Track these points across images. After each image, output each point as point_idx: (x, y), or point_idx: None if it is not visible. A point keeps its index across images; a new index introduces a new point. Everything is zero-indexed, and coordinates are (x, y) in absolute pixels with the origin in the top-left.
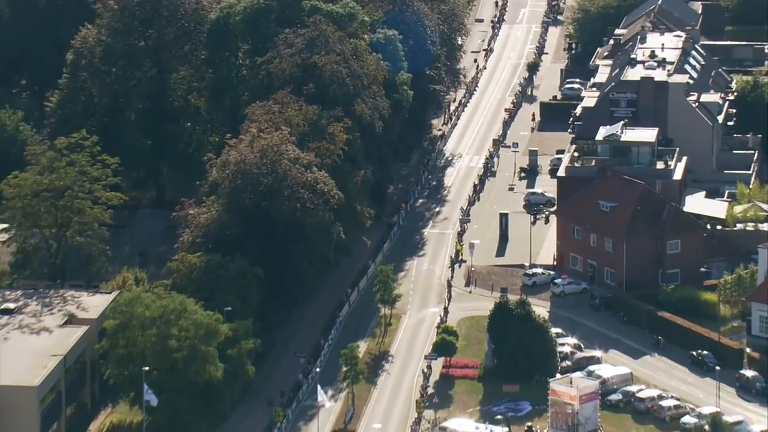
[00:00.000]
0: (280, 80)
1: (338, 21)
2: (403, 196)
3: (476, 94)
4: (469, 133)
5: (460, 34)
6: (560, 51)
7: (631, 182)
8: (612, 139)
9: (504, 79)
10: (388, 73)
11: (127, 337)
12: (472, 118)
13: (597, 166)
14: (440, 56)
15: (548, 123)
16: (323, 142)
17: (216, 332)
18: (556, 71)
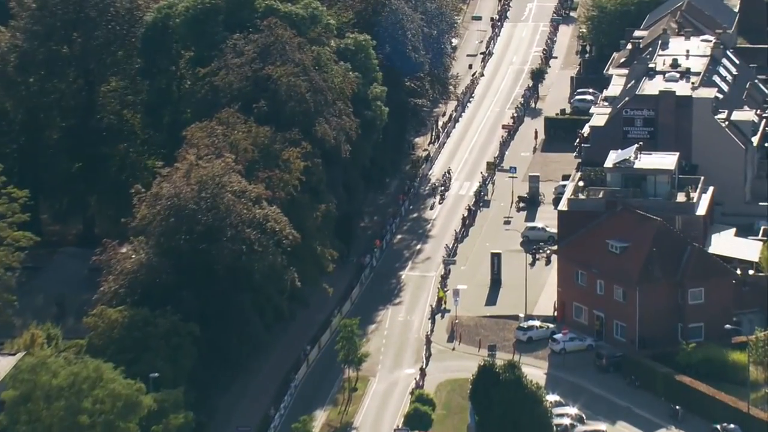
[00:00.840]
0: (226, 95)
1: (298, 24)
2: (378, 231)
3: (470, 107)
4: (459, 154)
5: (451, 36)
6: (572, 55)
7: (646, 218)
8: (624, 166)
9: (504, 89)
10: (358, 87)
11: (29, 410)
12: (464, 136)
13: (605, 199)
14: (424, 64)
15: (554, 142)
16: (276, 170)
17: (137, 405)
18: (565, 79)
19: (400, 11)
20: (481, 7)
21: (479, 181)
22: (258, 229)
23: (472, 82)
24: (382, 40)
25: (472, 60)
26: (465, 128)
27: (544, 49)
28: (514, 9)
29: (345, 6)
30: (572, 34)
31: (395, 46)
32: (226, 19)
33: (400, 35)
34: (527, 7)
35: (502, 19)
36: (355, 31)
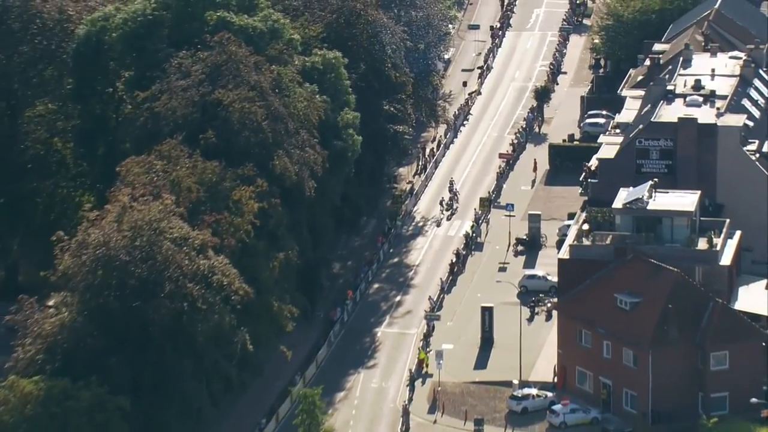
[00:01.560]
0: (168, 124)
1: (255, 40)
2: (352, 279)
3: (463, 132)
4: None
5: (440, 51)
6: (583, 70)
7: (661, 269)
8: (636, 207)
9: (504, 111)
10: (325, 112)
11: None
12: (456, 166)
13: (614, 245)
14: (406, 84)
15: (560, 174)
16: (225, 213)
17: None
18: (575, 99)
19: (378, 23)
20: (479, 14)
21: (471, 219)
22: (202, 283)
23: (466, 102)
24: (356, 57)
25: (467, 76)
26: (457, 157)
27: (551, 64)
28: (518, 16)
29: (312, 18)
30: (585, 45)
31: (372, 64)
32: (170, 33)
33: (378, 51)
34: (533, 14)
35: (504, 27)
36: (324, 48)
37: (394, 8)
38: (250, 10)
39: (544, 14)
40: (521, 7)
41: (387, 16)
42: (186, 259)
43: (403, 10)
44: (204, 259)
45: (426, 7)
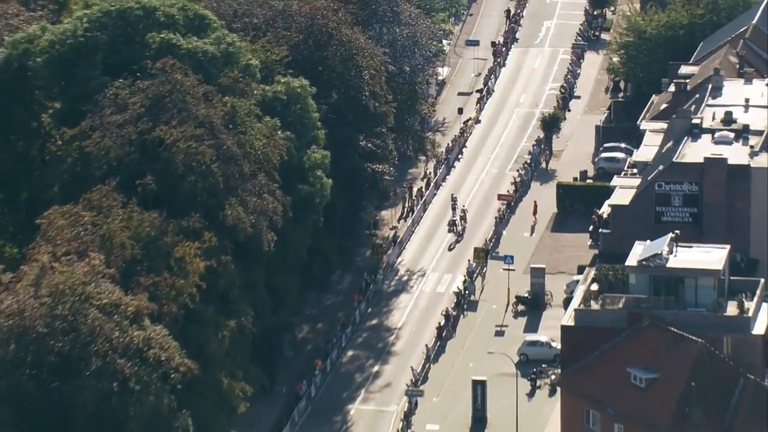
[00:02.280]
0: (101, 167)
1: (206, 66)
2: (321, 346)
3: (458, 168)
4: (440, 234)
5: (428, 75)
6: (599, 94)
7: (683, 339)
8: (654, 264)
9: (506, 142)
10: (289, 151)
11: None
12: (448, 209)
13: (627, 310)
14: (387, 114)
15: (569, 219)
16: (166, 274)
17: None
18: (589, 129)
19: (354, 44)
20: (479, 28)
21: (464, 274)
22: (136, 358)
23: (462, 132)
24: (327, 84)
25: (464, 101)
26: (448, 200)
27: (562, 86)
28: (525, 30)
29: (275, 39)
30: (602, 65)
31: (346, 93)
32: (105, 58)
33: (354, 77)
34: (543, 27)
35: (509, 43)
36: (289, 74)
37: (375, 25)
38: (200, 31)
39: (555, 27)
40: (529, 19)
41: (365, 36)
42: (116, 330)
43: (386, 27)
44: (138, 330)
45: (412, 23)
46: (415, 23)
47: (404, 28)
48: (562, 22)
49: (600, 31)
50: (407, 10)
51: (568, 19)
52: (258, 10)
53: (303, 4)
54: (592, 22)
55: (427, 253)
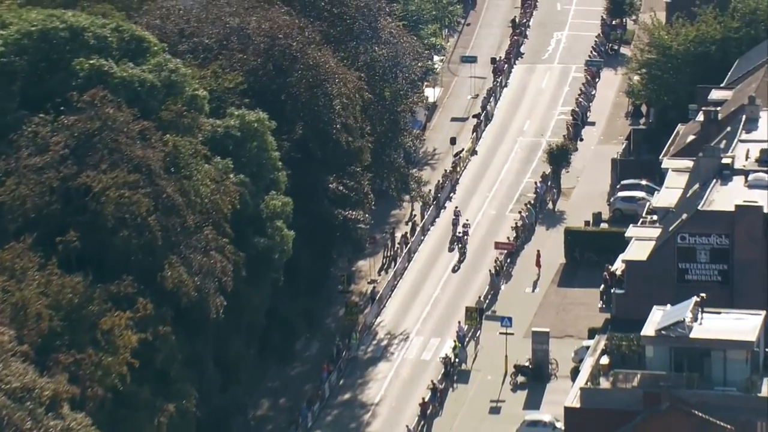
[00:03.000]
0: (15, 219)
1: (144, 98)
2: (285, 426)
3: (449, 209)
4: (426, 290)
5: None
6: (617, 121)
7: (709, 424)
8: (675, 334)
9: (506, 179)
10: (244, 198)
11: None
12: (436, 259)
13: (643, 389)
14: (362, 150)
15: (578, 272)
16: (91, 350)
17: None
18: (604, 162)
19: (324, 68)
20: (477, 41)
21: (454, 338)
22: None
23: (455, 166)
24: (290, 116)
25: (458, 128)
26: (438, 247)
27: (574, 111)
28: (532, 43)
29: (229, 63)
30: (621, 86)
31: (314, 126)
32: (24, 88)
33: (323, 107)
34: (552, 40)
35: (512, 58)
36: (245, 105)
37: (349, 44)
38: (137, 55)
39: (566, 40)
40: (536, 30)
41: (337, 57)
42: (28, 421)
43: (362, 47)
44: (55, 420)
45: (394, 41)
46: (398, 41)
47: (384, 47)
48: (575, 34)
49: (619, 44)
50: (388, 26)
51: (581, 29)
52: (209, 28)
53: (263, 20)
54: (610, 34)
55: (412, 312)
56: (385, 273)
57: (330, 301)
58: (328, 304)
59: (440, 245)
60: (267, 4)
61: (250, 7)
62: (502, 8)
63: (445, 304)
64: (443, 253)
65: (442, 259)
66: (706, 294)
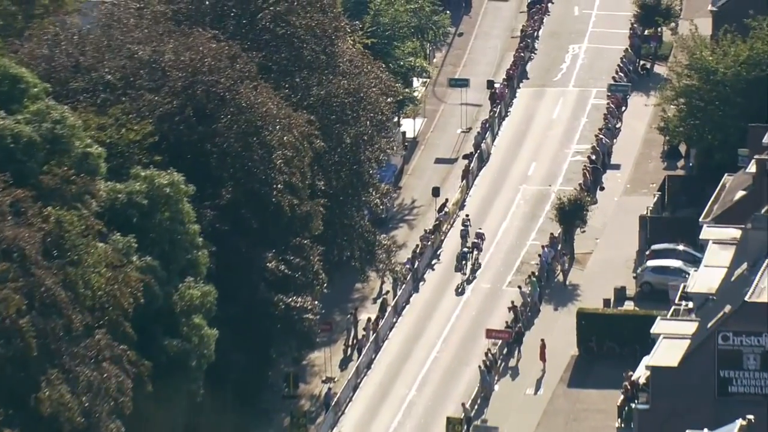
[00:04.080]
0: None
1: (18, 158)
2: None
3: (429, 283)
4: (397, 393)
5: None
6: (647, 164)
7: None
8: None
9: (503, 242)
10: (149, 289)
11: None
12: (410, 352)
13: None
14: (312, 216)
15: (595, 367)
16: None
17: None
18: (630, 219)
19: (260, 110)
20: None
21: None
22: None
23: (438, 225)
24: (215, 176)
25: (443, 172)
26: (414, 333)
27: (594, 150)
28: (541, 59)
29: (135, 107)
30: (654, 117)
31: (247, 187)
32: None
33: (259, 162)
34: (567, 55)
35: (515, 80)
36: (155, 163)
37: (297, 76)
38: (10, 100)
39: (586, 56)
40: (547, 42)
41: (280, 95)
42: None
43: (314, 78)
44: None
45: (355, 70)
46: (361, 70)
47: (344, 79)
48: (596, 47)
49: (652, 62)
50: (348, 52)
51: (605, 41)
52: (111, 60)
53: (182, 49)
54: (641, 48)
55: (379, 421)
56: (345, 368)
57: (270, 413)
58: (267, 416)
59: (417, 330)
60: (188, 27)
61: (165, 31)
62: (504, 13)
63: (422, 411)
64: (421, 341)
65: (419, 349)
66: (754, 415)
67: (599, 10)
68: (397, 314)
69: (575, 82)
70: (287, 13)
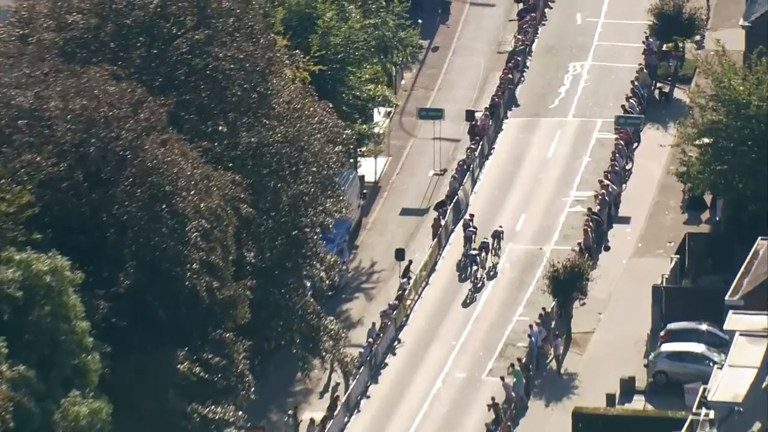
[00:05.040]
0: None
1: None
2: None
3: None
4: None
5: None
6: (664, 217)
7: None
8: None
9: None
10: (21, 410)
11: None
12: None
13: None
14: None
15: None
16: None
17: None
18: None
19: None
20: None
21: None
22: None
23: (400, 296)
24: (112, 257)
25: (410, 227)
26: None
27: (598, 197)
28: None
29: (11, 170)
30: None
31: (153, 269)
32: None
33: (169, 237)
34: (566, 76)
35: (500, 108)
36: (33, 243)
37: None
38: None
39: (589, 76)
40: (542, 59)
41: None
42: None
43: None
44: None
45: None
46: (301, 113)
47: (279, 124)
48: (603, 66)
49: (672, 84)
50: (287, 89)
51: (613, 58)
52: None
53: (72, 94)
54: (657, 67)
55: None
56: None
57: None
58: None
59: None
60: (82, 62)
61: (52, 69)
62: (489, 22)
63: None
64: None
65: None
66: None
67: (607, 17)
68: (349, 413)
69: (576, 110)
70: (208, 42)
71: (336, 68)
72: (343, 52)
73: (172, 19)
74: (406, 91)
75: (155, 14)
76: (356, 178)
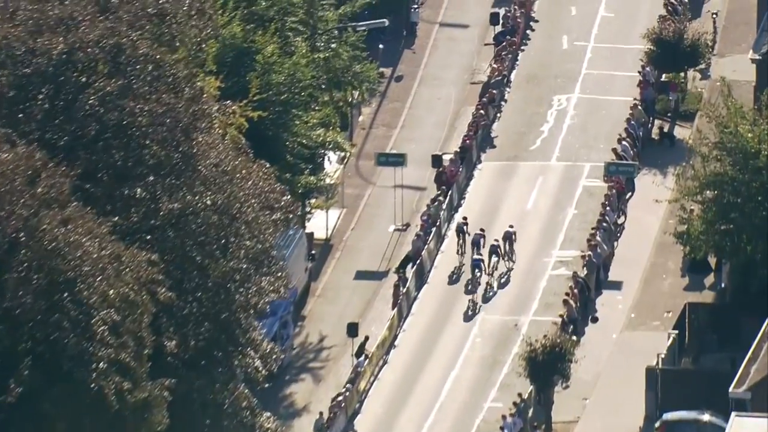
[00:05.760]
0: None
1: None
2: None
3: None
4: None
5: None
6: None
7: None
8: None
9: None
10: None
11: None
12: None
13: None
14: (149, 407)
15: None
16: None
17: None
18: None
19: (73, 252)
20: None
21: None
22: None
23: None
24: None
25: (367, 296)
26: None
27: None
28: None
29: None
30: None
31: (51, 371)
32: None
33: (70, 330)
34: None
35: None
36: None
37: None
38: None
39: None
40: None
41: (105, 224)
42: None
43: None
44: None
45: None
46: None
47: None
48: (592, 99)
49: (672, 122)
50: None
51: (603, 90)
52: None
53: None
54: (655, 101)
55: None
56: None
57: None
58: None
59: None
60: None
61: None
62: (462, 47)
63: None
64: None
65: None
66: None
67: (598, 41)
68: None
69: (561, 153)
70: (122, 94)
71: (279, 111)
72: (287, 92)
73: (80, 67)
74: (364, 129)
75: (60, 62)
76: (303, 236)
